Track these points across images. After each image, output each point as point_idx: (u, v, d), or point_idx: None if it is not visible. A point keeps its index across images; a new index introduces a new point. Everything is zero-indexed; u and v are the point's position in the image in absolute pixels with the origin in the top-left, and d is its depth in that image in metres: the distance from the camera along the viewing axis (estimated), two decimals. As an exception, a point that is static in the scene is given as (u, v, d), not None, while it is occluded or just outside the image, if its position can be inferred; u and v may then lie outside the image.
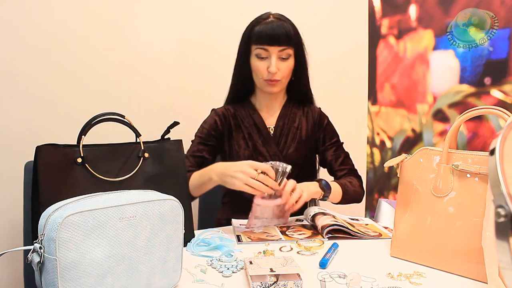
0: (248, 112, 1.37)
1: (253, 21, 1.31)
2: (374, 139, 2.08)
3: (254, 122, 1.36)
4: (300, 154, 1.36)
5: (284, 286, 0.75)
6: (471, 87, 1.66)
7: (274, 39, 1.24)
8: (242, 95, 1.39)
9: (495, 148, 0.42)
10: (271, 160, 1.31)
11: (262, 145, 1.34)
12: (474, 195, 0.83)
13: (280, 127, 1.37)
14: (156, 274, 0.74)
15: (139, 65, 1.64)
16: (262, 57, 1.27)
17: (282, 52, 1.26)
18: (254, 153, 1.33)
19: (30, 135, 1.43)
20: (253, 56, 1.29)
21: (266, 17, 1.28)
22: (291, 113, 1.39)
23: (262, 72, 1.28)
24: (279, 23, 1.26)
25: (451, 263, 0.85)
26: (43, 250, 0.63)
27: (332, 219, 1.12)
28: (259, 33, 1.26)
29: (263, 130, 1.35)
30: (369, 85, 2.11)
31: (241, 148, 1.34)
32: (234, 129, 1.36)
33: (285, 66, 1.28)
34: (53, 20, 1.47)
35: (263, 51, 1.26)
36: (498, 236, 0.38)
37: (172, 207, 0.76)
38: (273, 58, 1.25)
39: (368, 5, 2.06)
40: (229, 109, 1.38)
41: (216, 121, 1.36)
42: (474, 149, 1.65)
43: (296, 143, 1.36)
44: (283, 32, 1.25)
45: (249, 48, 1.29)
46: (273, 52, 1.25)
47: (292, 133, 1.37)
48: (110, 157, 0.96)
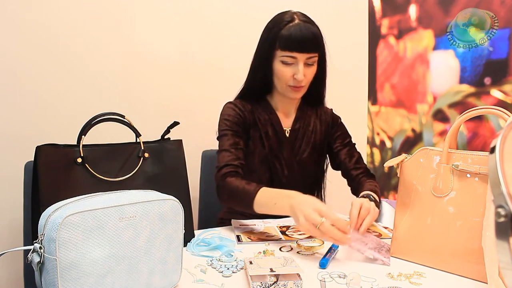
0: (265, 111, 1.31)
1: (275, 22, 1.22)
2: (374, 139, 2.08)
3: (271, 122, 1.30)
4: (313, 159, 1.33)
5: (284, 286, 0.75)
6: (471, 87, 1.66)
7: (304, 46, 1.17)
8: (258, 93, 1.33)
9: (495, 148, 0.42)
10: (285, 163, 1.28)
11: (277, 147, 1.29)
12: (474, 195, 0.83)
13: (296, 130, 1.32)
14: (156, 274, 0.74)
15: (139, 65, 1.64)
16: (288, 63, 1.20)
17: (309, 59, 1.20)
18: (270, 155, 1.28)
19: (30, 135, 1.43)
20: (278, 61, 1.21)
21: (291, 18, 1.19)
22: (306, 115, 1.35)
23: (287, 78, 1.21)
24: (306, 26, 1.18)
25: (451, 263, 0.85)
26: (43, 250, 0.63)
27: None
28: (287, 38, 1.17)
29: (280, 132, 1.30)
30: (369, 85, 2.11)
31: (257, 148, 1.29)
32: (251, 125, 1.29)
33: (311, 72, 1.23)
34: (53, 20, 1.47)
35: (290, 58, 1.19)
36: (498, 236, 0.38)
37: (172, 207, 0.76)
38: (300, 65, 1.18)
39: (368, 5, 2.06)
40: (245, 104, 1.30)
41: (238, 112, 1.28)
42: (474, 149, 1.65)
43: (311, 147, 1.33)
44: (312, 37, 1.18)
45: (273, 52, 1.21)
46: (300, 59, 1.18)
47: (307, 136, 1.33)
48: (110, 157, 0.96)
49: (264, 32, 1.25)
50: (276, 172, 1.29)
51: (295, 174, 1.31)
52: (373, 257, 0.91)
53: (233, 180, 1.14)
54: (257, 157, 1.28)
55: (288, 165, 1.30)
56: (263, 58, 1.24)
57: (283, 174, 1.30)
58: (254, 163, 1.29)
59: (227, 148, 1.22)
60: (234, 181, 1.14)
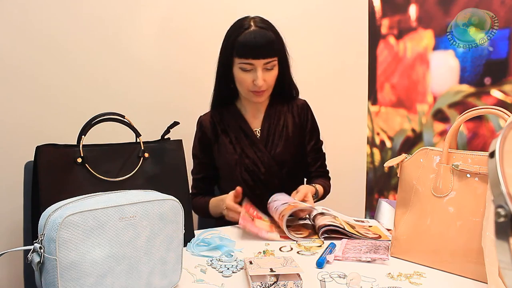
0: (234, 117, 1.36)
1: (233, 30, 1.25)
2: (374, 139, 2.08)
3: (240, 126, 1.35)
4: (288, 151, 1.36)
5: (284, 286, 0.76)
6: (471, 87, 1.66)
7: (259, 52, 1.20)
8: (226, 100, 1.38)
9: (495, 148, 0.42)
10: (259, 161, 1.32)
11: (249, 147, 1.34)
12: (474, 195, 0.83)
13: (266, 128, 1.36)
14: (156, 274, 0.74)
15: (139, 65, 1.64)
16: (247, 70, 1.23)
17: (267, 64, 1.23)
18: (241, 157, 1.33)
19: (30, 135, 1.43)
20: (237, 68, 1.25)
21: (247, 25, 1.22)
22: (275, 112, 1.38)
23: (247, 84, 1.25)
24: (261, 32, 1.20)
25: (451, 263, 0.85)
26: (43, 250, 0.63)
27: (331, 219, 1.12)
28: (242, 45, 1.20)
29: (249, 133, 1.35)
30: (369, 85, 2.11)
31: (229, 154, 1.34)
32: (220, 134, 1.36)
33: (271, 76, 1.26)
34: (53, 20, 1.47)
35: (248, 65, 1.22)
36: (498, 236, 0.38)
37: (172, 207, 0.76)
38: (259, 70, 1.21)
39: (368, 5, 2.06)
40: (215, 115, 1.38)
41: (200, 135, 1.38)
42: (474, 149, 1.65)
43: (284, 141, 1.35)
44: (267, 43, 1.20)
45: (232, 60, 1.25)
46: (258, 65, 1.21)
47: (278, 132, 1.36)
48: (110, 157, 0.96)
49: (224, 39, 1.29)
50: (253, 171, 1.33)
51: (273, 169, 1.34)
52: (371, 259, 0.91)
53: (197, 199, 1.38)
54: (231, 161, 1.33)
55: (264, 162, 1.33)
56: (224, 65, 1.29)
57: (260, 172, 1.33)
58: (230, 166, 1.34)
59: (194, 177, 1.41)
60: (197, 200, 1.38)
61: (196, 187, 1.40)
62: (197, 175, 1.40)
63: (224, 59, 1.28)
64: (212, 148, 1.37)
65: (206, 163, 1.39)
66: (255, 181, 1.33)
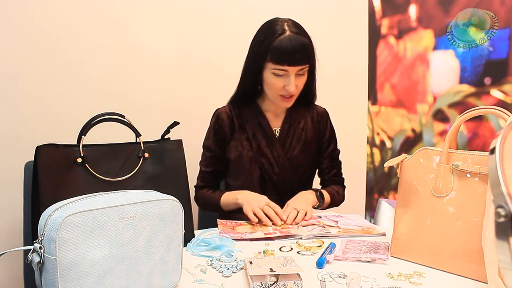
0: (254, 114, 1.34)
1: (266, 34, 1.22)
2: (374, 139, 2.08)
3: (259, 123, 1.33)
4: (305, 155, 1.35)
5: (284, 286, 0.75)
6: (471, 87, 1.66)
7: (295, 59, 1.18)
8: (248, 98, 1.36)
9: (495, 148, 0.42)
10: (275, 161, 1.31)
11: (266, 146, 1.32)
12: (474, 195, 0.83)
13: (286, 129, 1.35)
14: (156, 274, 0.74)
15: (139, 65, 1.64)
16: (279, 75, 1.21)
17: (301, 70, 1.22)
18: (257, 154, 1.32)
19: (30, 135, 1.43)
20: (269, 72, 1.23)
21: (281, 30, 1.19)
22: (297, 114, 1.37)
23: (278, 89, 1.24)
24: (298, 39, 1.18)
25: (451, 263, 0.85)
26: (43, 250, 0.63)
27: (311, 227, 1.13)
28: (278, 52, 1.18)
29: (268, 131, 1.33)
30: (369, 85, 2.11)
31: (245, 149, 1.32)
32: (237, 129, 1.34)
33: (302, 82, 1.25)
34: (52, 20, 1.47)
35: (282, 70, 1.20)
36: (498, 236, 0.38)
37: (172, 207, 0.76)
38: (292, 77, 1.20)
39: (368, 5, 2.06)
40: (234, 109, 1.36)
41: (217, 127, 1.35)
42: (474, 149, 1.65)
43: (302, 144, 1.35)
44: (303, 50, 1.19)
45: (264, 64, 1.23)
46: (292, 71, 1.20)
47: (297, 134, 1.35)
48: (110, 157, 0.96)
49: (255, 43, 1.26)
50: (266, 171, 1.32)
51: (287, 171, 1.33)
52: (371, 259, 0.91)
53: (204, 192, 1.37)
54: (245, 157, 1.32)
55: (279, 163, 1.33)
56: (254, 69, 1.26)
57: (274, 172, 1.33)
58: (243, 163, 1.33)
59: (203, 169, 1.39)
60: (204, 193, 1.37)
61: (203, 180, 1.38)
62: (206, 168, 1.38)
63: (256, 63, 1.25)
64: (227, 142, 1.35)
65: (218, 157, 1.36)
66: (265, 181, 1.33)
